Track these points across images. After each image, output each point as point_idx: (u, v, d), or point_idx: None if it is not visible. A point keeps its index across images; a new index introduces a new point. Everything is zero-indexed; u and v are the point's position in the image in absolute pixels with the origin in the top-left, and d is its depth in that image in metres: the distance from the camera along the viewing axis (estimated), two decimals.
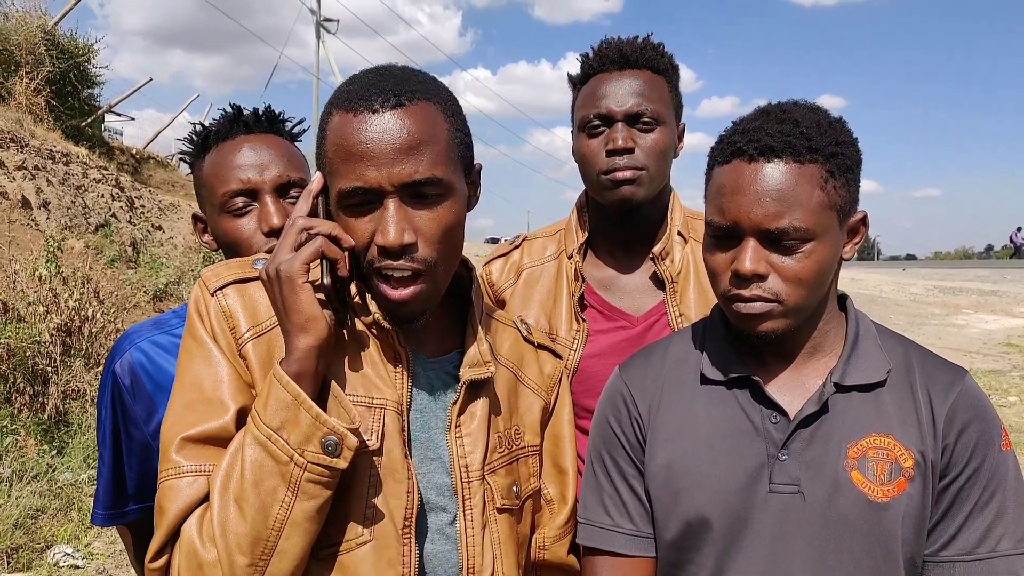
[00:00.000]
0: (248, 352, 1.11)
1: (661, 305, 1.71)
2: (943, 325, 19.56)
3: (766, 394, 1.21)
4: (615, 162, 1.63)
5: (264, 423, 1.02)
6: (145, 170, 14.37)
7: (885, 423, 1.18)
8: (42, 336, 5.92)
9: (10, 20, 11.35)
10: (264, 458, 1.02)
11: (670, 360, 1.35)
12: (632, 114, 1.63)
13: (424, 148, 1.08)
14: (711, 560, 1.21)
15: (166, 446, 1.08)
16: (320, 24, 32.96)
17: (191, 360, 1.12)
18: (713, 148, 1.23)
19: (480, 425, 1.22)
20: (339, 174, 1.08)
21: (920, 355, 1.26)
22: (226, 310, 1.13)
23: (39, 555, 4.33)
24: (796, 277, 1.13)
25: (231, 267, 1.18)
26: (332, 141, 1.10)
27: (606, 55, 1.68)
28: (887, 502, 1.14)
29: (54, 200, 8.85)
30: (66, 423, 5.75)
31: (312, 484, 1.03)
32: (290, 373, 1.04)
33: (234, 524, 1.01)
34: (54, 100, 11.50)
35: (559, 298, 1.77)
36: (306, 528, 1.03)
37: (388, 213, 1.07)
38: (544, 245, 1.87)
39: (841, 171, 1.14)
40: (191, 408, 1.09)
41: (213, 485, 1.03)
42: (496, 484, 1.23)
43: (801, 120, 1.15)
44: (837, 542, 1.15)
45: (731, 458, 1.21)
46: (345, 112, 1.09)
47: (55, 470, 5.17)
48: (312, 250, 1.06)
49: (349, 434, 1.03)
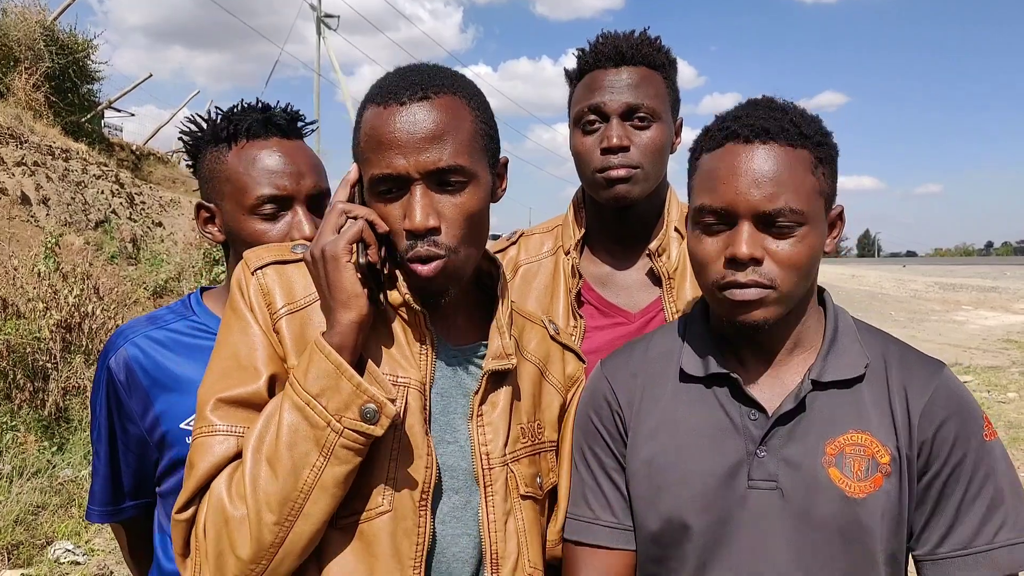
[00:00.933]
0: (282, 327, 1.18)
1: (658, 301, 1.71)
2: (943, 321, 19.56)
3: (745, 391, 1.21)
4: (609, 160, 1.62)
5: (304, 389, 1.08)
6: (145, 166, 14.36)
7: (863, 419, 1.18)
8: (42, 332, 5.93)
9: (9, 15, 11.34)
10: (300, 422, 1.08)
11: (652, 355, 1.35)
12: (627, 111, 1.62)
13: (448, 137, 1.15)
14: (692, 556, 1.21)
15: (201, 406, 1.15)
16: (321, 20, 32.93)
17: (229, 331, 1.20)
18: (699, 139, 1.23)
19: (502, 415, 1.27)
20: (370, 162, 1.17)
21: (898, 350, 1.26)
22: (264, 287, 1.20)
23: (40, 551, 4.34)
24: (790, 261, 1.13)
25: (271, 249, 1.27)
26: (365, 132, 1.18)
27: (602, 51, 1.67)
28: (864, 498, 1.14)
29: (54, 196, 8.85)
30: (66, 419, 5.76)
31: (345, 450, 1.08)
32: (332, 344, 1.10)
33: (265, 483, 1.07)
34: (53, 96, 11.49)
35: (556, 294, 1.77)
36: (332, 493, 1.09)
37: (414, 198, 1.14)
38: (541, 241, 1.87)
39: (826, 161, 1.16)
40: (226, 374, 1.16)
41: (246, 445, 1.09)
42: (520, 472, 1.27)
43: (788, 110, 1.18)
44: (815, 537, 1.15)
45: (710, 455, 1.21)
46: (377, 105, 1.18)
47: (55, 466, 5.18)
48: (354, 231, 1.13)
49: (388, 403, 1.09)
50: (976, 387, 10.06)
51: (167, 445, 1.47)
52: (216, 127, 1.55)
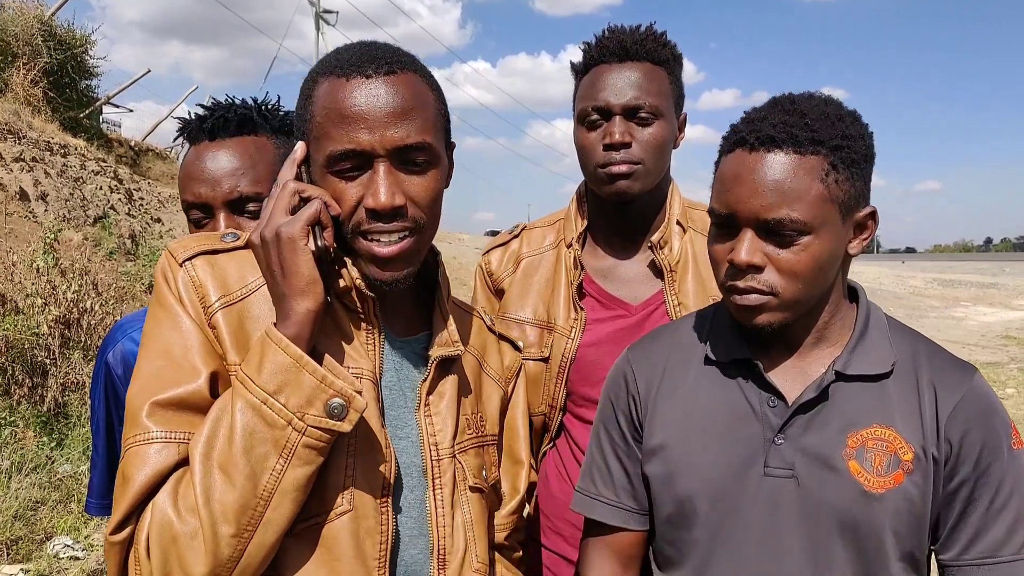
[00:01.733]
0: (218, 321, 1.09)
1: (660, 294, 1.71)
2: (942, 318, 19.58)
3: (765, 378, 1.21)
4: (611, 156, 1.63)
5: (258, 386, 0.99)
6: (144, 162, 14.34)
7: (887, 415, 1.17)
8: (40, 328, 5.92)
9: (7, 11, 11.31)
10: (256, 422, 0.99)
11: (677, 342, 1.37)
12: (630, 108, 1.62)
13: (415, 114, 1.10)
14: (703, 540, 1.22)
15: (134, 412, 1.04)
16: (319, 15, 32.88)
17: (158, 327, 1.09)
18: (723, 137, 1.23)
19: (449, 404, 1.23)
20: (329, 137, 1.08)
21: (929, 350, 1.25)
22: (195, 280, 1.10)
23: (39, 547, 4.33)
24: (791, 270, 1.12)
25: (199, 239, 1.16)
26: (323, 105, 1.10)
27: (606, 46, 1.67)
28: (882, 494, 1.14)
29: (52, 192, 8.83)
30: (65, 415, 5.75)
31: (308, 450, 1.01)
32: (288, 335, 1.02)
33: (219, 492, 0.97)
34: (51, 91, 11.47)
35: (557, 287, 1.77)
36: (294, 497, 1.01)
37: (379, 176, 1.08)
38: (543, 234, 1.87)
39: (846, 164, 1.12)
40: (159, 373, 1.05)
41: (193, 452, 0.99)
42: (467, 463, 1.24)
43: (808, 112, 1.14)
44: (827, 530, 1.15)
45: (727, 440, 1.22)
46: (337, 78, 1.10)
47: (54, 462, 5.17)
48: (311, 212, 1.06)
49: (357, 396, 1.02)
50: None
51: None
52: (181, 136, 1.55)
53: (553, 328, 1.73)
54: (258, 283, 1.13)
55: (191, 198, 1.47)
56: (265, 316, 1.10)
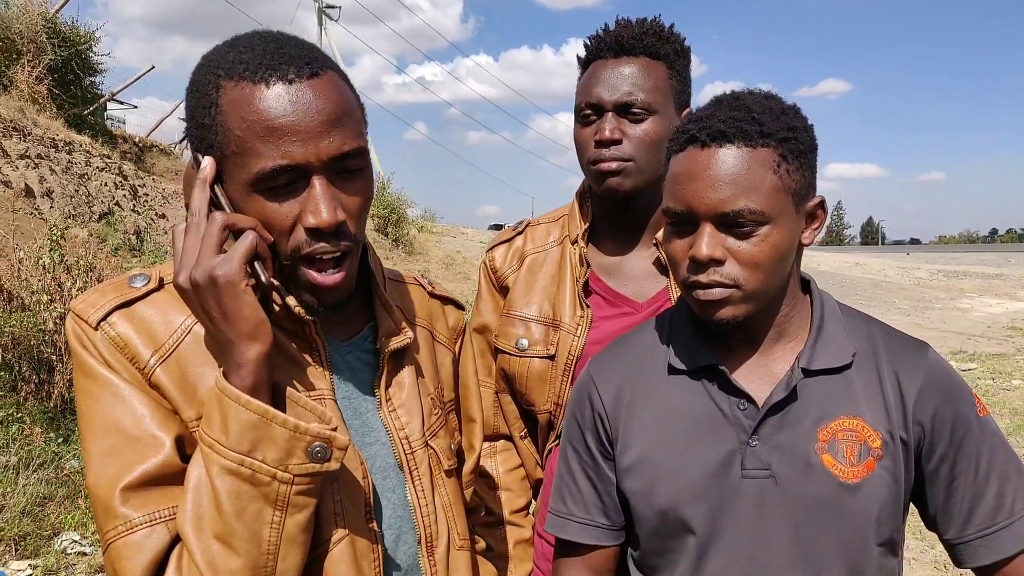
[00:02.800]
0: (159, 379, 0.99)
1: (665, 291, 1.71)
2: (947, 309, 19.53)
3: (733, 383, 1.22)
4: (601, 153, 1.62)
5: (230, 449, 0.93)
6: (148, 158, 14.36)
7: (853, 405, 1.20)
8: (47, 325, 5.94)
9: (11, 8, 11.33)
10: (240, 485, 0.93)
11: (639, 351, 1.36)
12: (621, 104, 1.61)
13: (346, 119, 1.01)
14: (691, 546, 1.23)
15: (104, 502, 0.95)
16: (322, 10, 32.83)
17: (96, 403, 0.98)
18: (669, 139, 1.24)
19: (411, 393, 1.20)
20: (256, 153, 0.96)
21: (883, 333, 1.28)
22: (118, 340, 0.99)
23: (47, 542, 4.36)
24: (753, 261, 1.14)
25: (106, 292, 1.03)
26: (240, 116, 0.97)
27: (604, 41, 1.66)
28: (857, 483, 1.16)
29: (57, 189, 8.86)
30: (72, 411, 5.77)
31: (302, 496, 0.96)
32: (245, 388, 0.94)
33: (224, 562, 0.93)
34: (56, 88, 11.49)
35: (563, 284, 1.77)
36: (301, 541, 0.98)
37: (316, 192, 0.98)
38: (547, 231, 1.87)
39: (794, 155, 1.15)
40: (115, 453, 0.96)
41: (184, 529, 0.93)
42: (439, 447, 1.22)
43: (753, 106, 1.17)
44: (812, 524, 1.17)
45: (702, 447, 1.23)
46: (251, 83, 0.97)
47: (61, 458, 5.20)
48: (248, 247, 0.95)
49: (337, 435, 0.96)
50: (981, 374, 10.06)
51: None
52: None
53: (559, 325, 1.73)
54: (187, 324, 1.03)
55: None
56: (206, 358, 1.02)
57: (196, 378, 1.01)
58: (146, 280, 1.06)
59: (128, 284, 1.05)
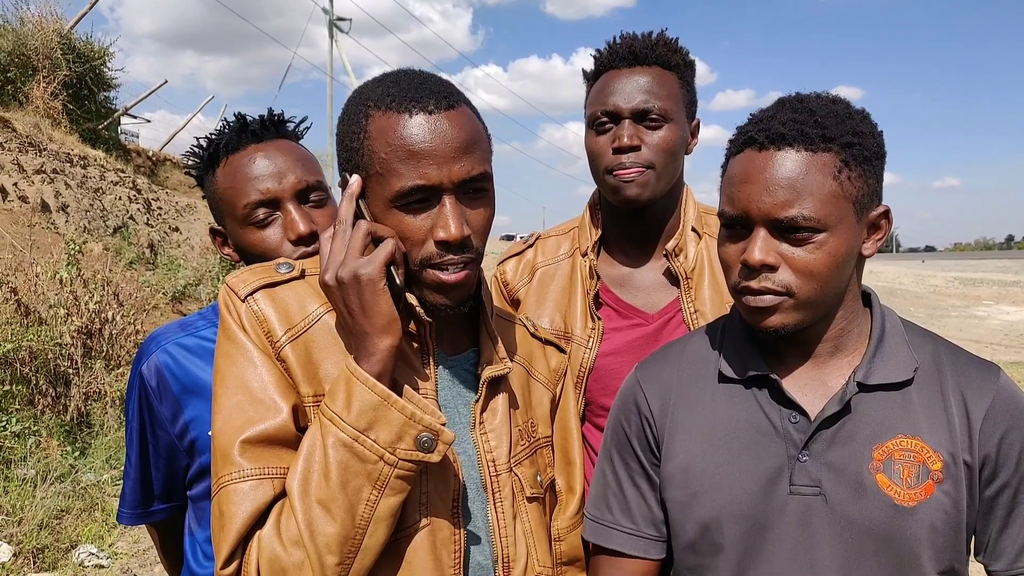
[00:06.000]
0: (287, 355, 1.13)
1: (676, 302, 1.71)
2: (964, 317, 19.38)
3: (785, 393, 1.18)
4: (621, 160, 1.62)
5: (349, 424, 1.05)
6: (161, 172, 14.48)
7: (912, 424, 1.14)
8: (63, 338, 5.99)
9: (27, 25, 11.46)
10: (349, 458, 1.04)
11: (688, 358, 1.33)
12: (639, 111, 1.62)
13: (475, 147, 1.13)
14: (731, 563, 1.18)
15: (224, 449, 1.08)
16: (333, 23, 33.06)
17: (232, 363, 1.13)
18: (729, 140, 1.21)
19: (503, 420, 1.26)
20: (397, 173, 1.10)
21: (950, 352, 1.22)
22: (259, 315, 1.14)
23: (64, 555, 4.38)
24: (807, 269, 1.10)
25: (257, 272, 1.20)
26: (386, 142, 1.11)
27: (617, 52, 1.68)
28: (914, 506, 1.10)
29: (72, 203, 8.94)
30: (88, 424, 5.81)
31: (400, 480, 1.07)
32: (372, 373, 1.06)
33: (322, 526, 1.03)
34: (71, 104, 11.61)
35: (574, 296, 1.77)
36: (389, 523, 1.07)
37: (447, 209, 1.11)
38: (558, 243, 1.87)
39: (858, 162, 1.10)
40: (241, 409, 1.09)
41: (291, 489, 1.05)
42: (523, 475, 1.28)
43: (816, 109, 1.13)
44: (861, 547, 1.11)
45: (749, 459, 1.18)
46: (396, 113, 1.12)
47: (78, 471, 5.23)
48: (388, 252, 1.09)
49: (444, 429, 1.07)
50: None
51: (197, 451, 1.49)
52: (200, 154, 1.58)
53: (570, 338, 1.73)
54: (319, 312, 1.17)
55: (258, 196, 1.48)
56: (330, 345, 1.15)
57: (318, 360, 1.14)
58: (290, 269, 1.21)
59: (275, 269, 1.21)
